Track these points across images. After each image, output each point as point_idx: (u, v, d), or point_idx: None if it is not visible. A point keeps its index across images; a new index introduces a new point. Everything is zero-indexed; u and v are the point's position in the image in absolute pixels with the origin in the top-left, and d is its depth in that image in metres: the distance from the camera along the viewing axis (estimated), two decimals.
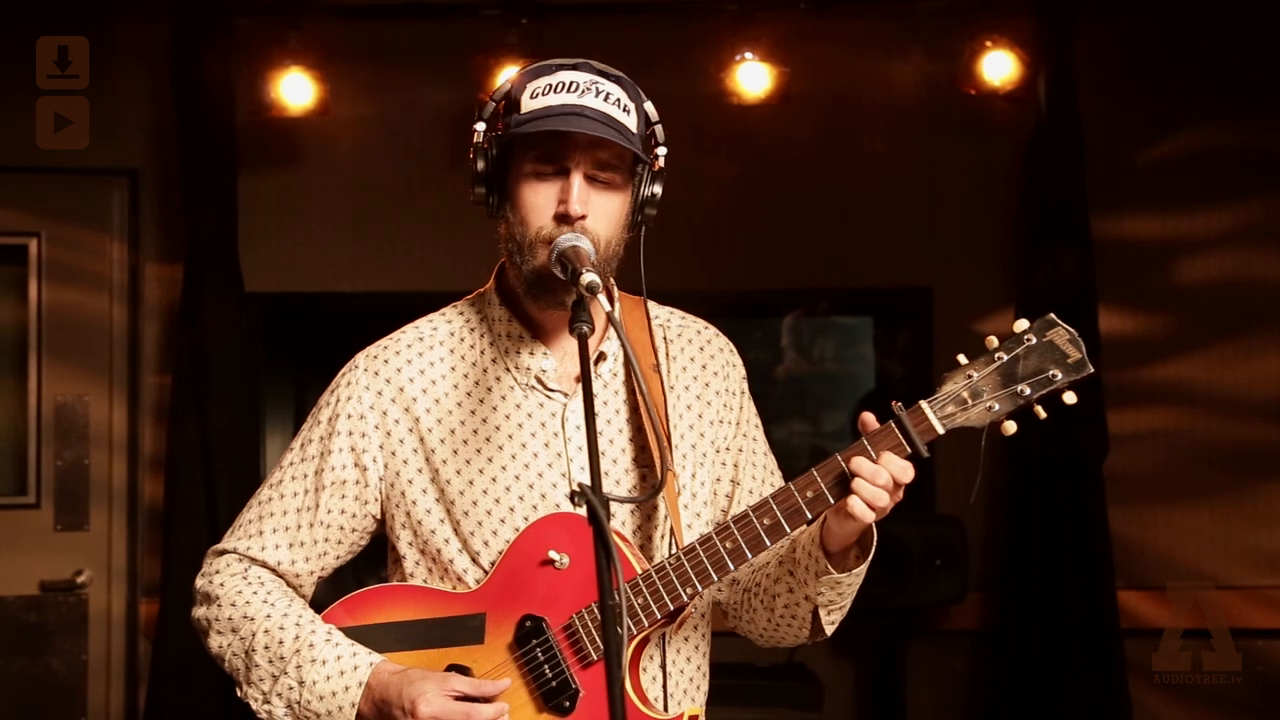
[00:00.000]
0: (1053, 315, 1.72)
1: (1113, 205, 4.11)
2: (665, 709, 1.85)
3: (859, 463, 1.70)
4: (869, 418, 1.74)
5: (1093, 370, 1.71)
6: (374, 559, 2.04)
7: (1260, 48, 4.14)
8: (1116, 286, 4.04)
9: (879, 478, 1.69)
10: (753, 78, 3.91)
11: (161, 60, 4.01)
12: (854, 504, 1.69)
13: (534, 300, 1.83)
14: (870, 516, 1.70)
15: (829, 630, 1.86)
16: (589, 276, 1.63)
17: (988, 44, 3.92)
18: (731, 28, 3.93)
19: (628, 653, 1.75)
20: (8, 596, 3.98)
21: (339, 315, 4.37)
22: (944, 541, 3.93)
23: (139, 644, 4.08)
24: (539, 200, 1.78)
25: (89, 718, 4.00)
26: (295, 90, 3.90)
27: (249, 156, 4.05)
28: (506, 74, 3.77)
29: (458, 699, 1.74)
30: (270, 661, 1.84)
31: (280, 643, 1.84)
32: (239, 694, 1.88)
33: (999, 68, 3.92)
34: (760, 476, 1.98)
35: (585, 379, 1.57)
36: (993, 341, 1.73)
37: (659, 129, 1.84)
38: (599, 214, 1.77)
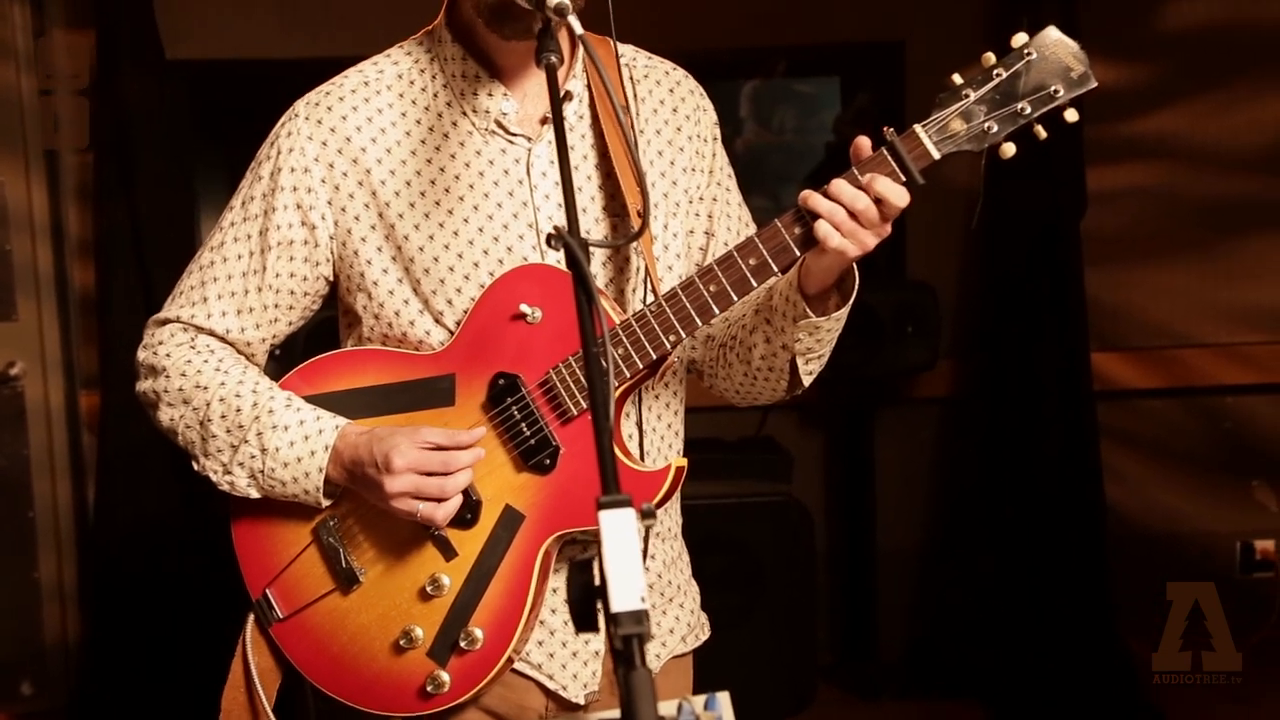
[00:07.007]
0: (1053, 27, 1.59)
1: None
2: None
3: (838, 185, 1.58)
4: (863, 143, 1.61)
5: (1096, 84, 1.59)
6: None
7: None
8: (1100, 35, 3.70)
9: (857, 201, 1.56)
10: None
11: None
12: (820, 227, 1.57)
13: (496, 29, 1.67)
14: (834, 239, 1.57)
15: (806, 381, 1.78)
16: None
17: None
18: None
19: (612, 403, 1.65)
20: None
21: (269, 84, 4.04)
22: (915, 307, 3.79)
23: (82, 436, 3.89)
24: None
25: (37, 513, 3.84)
26: None
27: None
28: None
29: (433, 450, 1.64)
30: (228, 431, 1.72)
31: (238, 410, 1.72)
32: (195, 467, 1.77)
33: None
34: (735, 228, 1.86)
35: (556, 113, 1.44)
36: (989, 59, 1.60)
37: None
38: None
